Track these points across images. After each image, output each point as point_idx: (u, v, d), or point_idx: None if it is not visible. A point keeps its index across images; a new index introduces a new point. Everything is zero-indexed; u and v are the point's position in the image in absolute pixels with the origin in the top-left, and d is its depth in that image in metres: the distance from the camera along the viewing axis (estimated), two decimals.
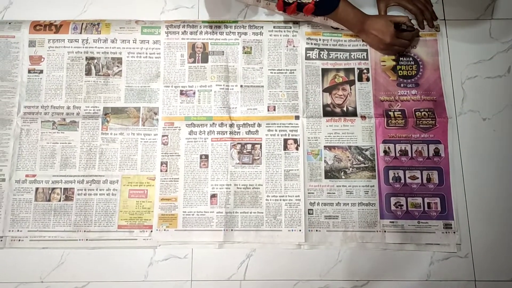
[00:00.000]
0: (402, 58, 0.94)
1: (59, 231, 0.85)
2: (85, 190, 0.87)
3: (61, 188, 0.87)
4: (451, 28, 0.95)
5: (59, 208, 0.86)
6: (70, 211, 0.86)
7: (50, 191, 0.87)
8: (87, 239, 0.85)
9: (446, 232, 0.84)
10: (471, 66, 0.93)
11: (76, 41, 0.95)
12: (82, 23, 0.95)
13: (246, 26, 0.95)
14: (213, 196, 0.87)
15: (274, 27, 0.95)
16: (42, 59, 0.94)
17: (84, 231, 0.85)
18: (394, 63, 0.94)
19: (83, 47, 0.94)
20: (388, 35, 0.88)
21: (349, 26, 0.91)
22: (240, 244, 0.85)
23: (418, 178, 0.87)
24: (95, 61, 0.94)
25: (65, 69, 0.94)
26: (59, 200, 0.87)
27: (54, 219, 0.86)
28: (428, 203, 0.86)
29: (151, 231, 0.85)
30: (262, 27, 0.95)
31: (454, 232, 0.84)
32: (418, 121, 0.89)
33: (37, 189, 0.87)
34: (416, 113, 0.90)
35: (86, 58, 0.94)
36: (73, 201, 0.87)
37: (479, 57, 0.93)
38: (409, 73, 0.93)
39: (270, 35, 0.95)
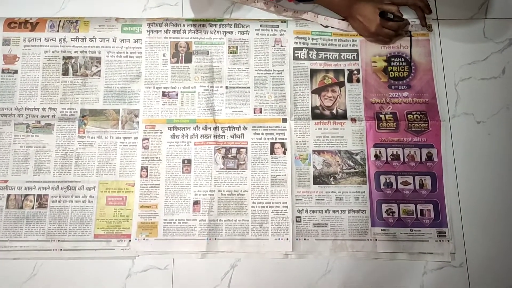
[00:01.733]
0: (393, 59, 0.91)
1: (32, 240, 0.81)
2: (59, 197, 0.83)
3: (34, 195, 0.83)
4: (444, 28, 0.92)
5: (32, 216, 0.82)
6: (43, 219, 0.82)
7: (22, 198, 0.83)
8: (61, 249, 0.81)
9: (439, 241, 0.81)
10: (464, 67, 0.90)
11: (53, 40, 0.91)
12: (60, 21, 0.92)
13: (231, 25, 0.92)
14: (196, 203, 0.83)
15: (261, 25, 0.92)
16: (17, 59, 0.90)
17: (58, 240, 0.81)
18: (385, 64, 0.90)
19: (60, 46, 0.91)
20: (374, 23, 0.86)
21: (336, 10, 0.90)
22: (224, 254, 0.81)
23: (410, 183, 0.84)
24: (73, 60, 0.90)
25: (41, 69, 0.90)
26: (32, 208, 0.83)
27: (26, 228, 0.81)
28: (421, 210, 0.82)
29: (130, 240, 0.81)
30: (249, 25, 0.92)
31: (448, 241, 0.81)
32: (410, 124, 0.86)
33: (8, 196, 0.83)
34: (408, 115, 0.87)
35: (63, 57, 0.90)
36: (47, 209, 0.83)
37: (473, 57, 0.90)
38: (401, 74, 0.90)
39: (257, 34, 0.92)
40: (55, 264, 0.80)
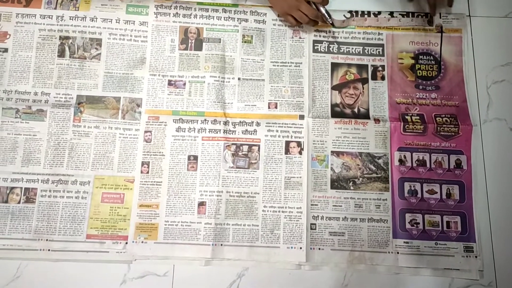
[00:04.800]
0: (422, 57, 0.84)
1: (17, 238, 0.74)
2: (50, 191, 0.76)
3: (21, 188, 0.76)
4: (476, 26, 0.86)
5: (18, 212, 0.75)
6: (31, 215, 0.75)
7: (8, 191, 0.76)
8: (49, 250, 0.74)
9: (467, 256, 0.74)
10: (498, 69, 0.84)
11: (49, 18, 0.84)
12: None
13: (247, 12, 0.85)
14: (201, 204, 0.76)
15: (279, 15, 0.85)
16: (8, 36, 0.82)
17: (47, 240, 0.74)
18: (412, 61, 0.84)
19: (57, 25, 0.84)
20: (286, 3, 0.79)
21: None
22: (230, 262, 0.75)
23: (436, 192, 0.77)
24: (70, 41, 0.83)
25: (35, 48, 0.83)
26: (19, 202, 0.76)
27: (11, 224, 0.74)
28: (447, 222, 0.76)
29: (126, 242, 0.75)
30: (266, 14, 0.85)
31: (476, 257, 0.74)
32: (438, 128, 0.79)
33: None
34: (437, 118, 0.80)
35: (60, 37, 0.83)
36: (35, 204, 0.76)
37: (507, 59, 0.84)
38: (429, 73, 0.83)
39: (274, 24, 0.85)
40: (42, 265, 0.74)
